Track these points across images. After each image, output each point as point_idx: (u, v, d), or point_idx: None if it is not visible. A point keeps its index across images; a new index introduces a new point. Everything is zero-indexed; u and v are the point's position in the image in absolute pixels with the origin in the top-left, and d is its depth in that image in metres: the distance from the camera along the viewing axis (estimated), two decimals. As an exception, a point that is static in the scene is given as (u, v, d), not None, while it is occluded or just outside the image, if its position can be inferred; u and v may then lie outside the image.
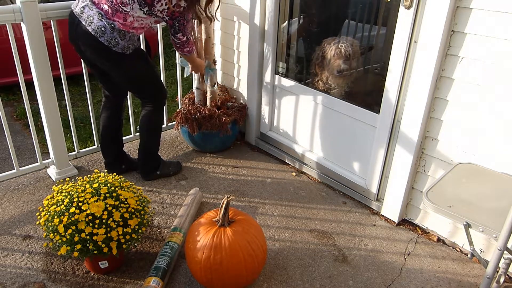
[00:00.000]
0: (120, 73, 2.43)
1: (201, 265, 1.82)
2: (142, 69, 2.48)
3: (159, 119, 2.71)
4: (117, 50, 2.28)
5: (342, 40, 2.63)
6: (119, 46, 2.28)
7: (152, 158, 2.77)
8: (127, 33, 2.28)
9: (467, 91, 2.01)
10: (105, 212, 1.85)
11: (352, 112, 2.56)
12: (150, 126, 2.66)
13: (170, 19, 2.29)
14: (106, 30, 2.22)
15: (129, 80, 2.50)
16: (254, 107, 3.15)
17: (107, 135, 2.73)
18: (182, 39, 2.39)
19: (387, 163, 2.44)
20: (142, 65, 2.48)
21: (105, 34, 2.22)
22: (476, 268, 2.16)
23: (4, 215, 2.42)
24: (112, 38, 2.24)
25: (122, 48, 2.29)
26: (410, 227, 2.44)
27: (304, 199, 2.66)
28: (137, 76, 2.49)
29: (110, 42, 2.25)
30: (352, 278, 2.08)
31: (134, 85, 2.55)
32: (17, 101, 4.74)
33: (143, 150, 2.73)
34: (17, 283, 1.98)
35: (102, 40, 2.23)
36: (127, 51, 2.33)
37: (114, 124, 2.73)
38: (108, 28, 2.22)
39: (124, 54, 2.32)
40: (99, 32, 2.22)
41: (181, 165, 2.93)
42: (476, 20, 1.89)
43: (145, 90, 2.55)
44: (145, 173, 2.78)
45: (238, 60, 3.17)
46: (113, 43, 2.25)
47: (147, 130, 2.67)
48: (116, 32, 2.24)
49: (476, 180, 1.83)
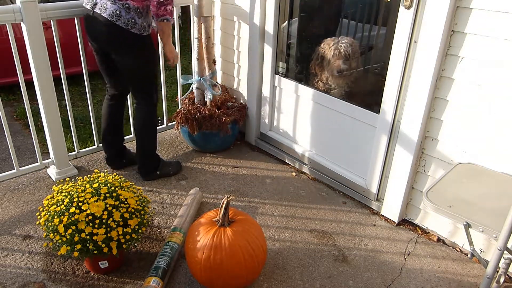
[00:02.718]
0: (130, 59, 2.43)
1: (201, 265, 1.82)
2: (150, 59, 2.51)
3: (154, 119, 2.71)
4: (135, 32, 2.31)
5: (342, 40, 2.64)
6: (136, 27, 2.30)
7: (151, 158, 2.78)
8: (142, 10, 2.30)
9: (467, 91, 2.01)
10: (105, 212, 1.85)
11: (352, 112, 2.56)
12: (146, 126, 2.67)
13: None
14: (122, 12, 2.25)
15: (137, 68, 2.49)
16: (254, 107, 3.15)
17: (109, 130, 2.75)
18: None
19: (387, 163, 2.44)
20: (151, 55, 2.51)
21: (121, 17, 2.26)
22: (476, 268, 2.16)
23: (4, 215, 2.42)
24: (129, 19, 2.27)
25: (139, 29, 2.32)
26: (410, 227, 2.44)
27: (304, 199, 2.66)
28: (144, 66, 2.50)
29: (128, 24, 2.28)
30: (352, 278, 2.08)
31: (137, 75, 2.54)
32: (17, 101, 4.74)
33: (141, 151, 2.74)
34: (17, 283, 1.98)
35: (119, 23, 2.27)
36: (144, 32, 2.35)
37: (116, 119, 2.76)
38: (123, 10, 2.25)
39: (141, 36, 2.35)
40: (115, 16, 2.26)
41: (181, 165, 2.93)
42: (476, 20, 1.89)
43: (145, 84, 2.56)
44: (145, 174, 2.78)
45: (238, 60, 3.17)
46: (131, 24, 2.29)
47: (143, 131, 2.67)
48: (133, 11, 2.27)
49: (476, 180, 1.83)
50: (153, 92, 2.61)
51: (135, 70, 2.51)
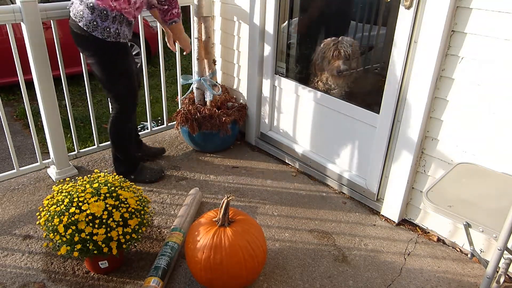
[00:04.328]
0: (94, 64, 2.33)
1: (201, 265, 1.82)
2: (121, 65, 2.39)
3: (123, 127, 2.58)
4: (96, 35, 2.20)
5: (342, 41, 2.64)
6: (98, 30, 2.19)
7: (124, 163, 2.69)
8: (109, 12, 2.18)
9: (467, 91, 2.01)
10: (105, 212, 1.85)
11: (352, 112, 2.56)
12: (114, 133, 2.58)
13: None
14: (84, 13, 2.17)
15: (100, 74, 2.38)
16: (254, 107, 3.15)
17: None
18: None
19: (387, 163, 2.44)
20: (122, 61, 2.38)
21: (83, 18, 2.18)
22: (476, 268, 2.16)
23: (4, 215, 2.42)
24: (90, 21, 2.17)
25: (102, 33, 2.20)
26: (410, 227, 2.44)
27: (304, 199, 2.66)
28: (111, 70, 2.37)
29: (88, 26, 2.19)
30: (352, 278, 2.08)
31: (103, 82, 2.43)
32: (17, 101, 4.74)
33: (113, 154, 2.68)
34: (17, 283, 1.98)
35: (81, 24, 2.19)
36: (107, 38, 2.23)
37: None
38: (86, 10, 2.16)
39: (104, 41, 2.23)
40: (79, 17, 2.19)
41: (163, 173, 2.80)
42: (476, 20, 1.89)
43: (113, 93, 2.46)
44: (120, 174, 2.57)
45: (238, 60, 3.17)
46: (91, 27, 2.18)
47: (113, 136, 2.59)
48: (96, 13, 2.16)
49: (476, 180, 1.83)
50: (122, 93, 2.47)
51: (100, 76, 2.39)
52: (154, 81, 5.35)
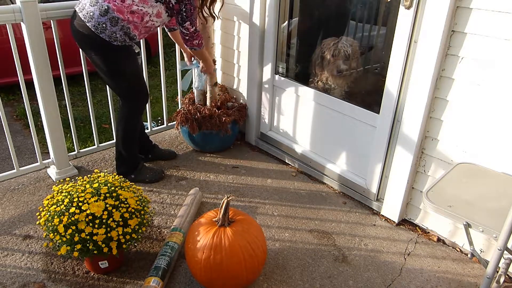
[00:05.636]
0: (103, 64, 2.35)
1: (201, 265, 1.82)
2: (125, 66, 2.42)
3: (132, 125, 2.60)
4: (104, 37, 2.22)
5: (342, 41, 2.64)
6: (105, 33, 2.21)
7: (126, 161, 2.69)
8: (120, 20, 2.21)
9: (467, 91, 2.01)
10: (105, 212, 1.85)
11: (352, 112, 2.56)
12: (121, 130, 2.59)
13: (177, 2, 2.27)
14: (95, 15, 2.18)
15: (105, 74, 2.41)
16: (254, 107, 3.15)
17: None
18: (190, 30, 2.36)
19: (387, 163, 2.44)
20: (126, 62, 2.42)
21: (93, 19, 2.19)
22: (476, 268, 2.16)
23: (4, 215, 2.42)
24: (100, 23, 2.19)
25: (109, 36, 2.23)
26: (410, 227, 2.44)
27: (304, 199, 2.66)
28: (118, 71, 2.41)
29: (97, 28, 2.20)
30: (352, 278, 2.08)
31: (108, 81, 2.50)
32: (17, 101, 4.74)
33: (117, 152, 2.68)
34: (17, 283, 1.98)
35: (89, 25, 2.20)
36: (114, 41, 2.26)
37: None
38: (97, 12, 2.18)
39: (110, 44, 2.26)
40: (88, 17, 2.19)
41: (163, 173, 2.82)
42: (476, 20, 1.89)
43: (122, 86, 2.48)
44: (121, 174, 2.62)
45: (238, 60, 3.17)
46: (100, 29, 2.20)
47: (119, 133, 2.61)
48: (108, 17, 2.18)
49: (476, 180, 1.83)
50: (130, 92, 2.51)
51: (105, 75, 2.43)
52: (154, 81, 5.35)
